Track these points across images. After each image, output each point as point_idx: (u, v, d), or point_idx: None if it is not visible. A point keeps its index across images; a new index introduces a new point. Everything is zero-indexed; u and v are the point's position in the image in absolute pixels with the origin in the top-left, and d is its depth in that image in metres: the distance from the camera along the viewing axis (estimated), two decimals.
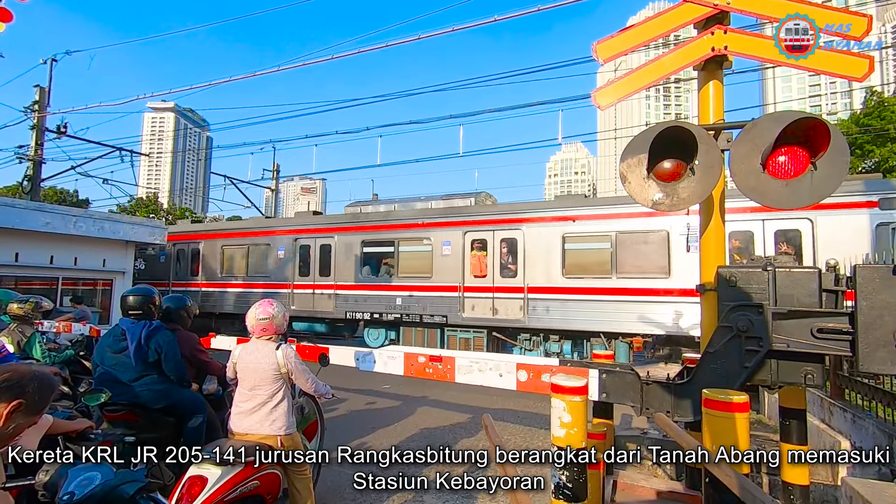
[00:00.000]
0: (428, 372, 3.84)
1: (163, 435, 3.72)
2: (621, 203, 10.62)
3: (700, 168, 3.29)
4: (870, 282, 2.73)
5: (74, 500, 1.78)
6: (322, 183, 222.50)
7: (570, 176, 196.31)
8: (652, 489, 4.48)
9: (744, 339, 3.02)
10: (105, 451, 2.63)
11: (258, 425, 3.09)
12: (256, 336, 3.27)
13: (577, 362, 3.88)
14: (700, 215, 3.80)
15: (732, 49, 3.56)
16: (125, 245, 13.67)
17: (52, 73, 16.16)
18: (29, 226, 11.08)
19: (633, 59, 6.49)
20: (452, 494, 4.55)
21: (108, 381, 3.64)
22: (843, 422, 4.91)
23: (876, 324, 2.70)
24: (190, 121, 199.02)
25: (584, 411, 2.59)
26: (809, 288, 2.95)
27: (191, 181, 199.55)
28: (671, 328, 9.96)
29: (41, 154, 15.62)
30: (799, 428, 3.54)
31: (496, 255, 11.80)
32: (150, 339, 3.73)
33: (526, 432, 6.63)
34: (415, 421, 7.12)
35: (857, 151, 26.98)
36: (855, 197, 8.96)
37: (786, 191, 3.11)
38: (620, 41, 3.82)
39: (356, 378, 8.75)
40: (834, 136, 2.93)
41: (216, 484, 2.62)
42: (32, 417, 1.67)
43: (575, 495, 2.49)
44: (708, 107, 3.73)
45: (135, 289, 4.07)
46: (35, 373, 1.69)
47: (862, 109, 30.34)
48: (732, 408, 2.61)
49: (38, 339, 5.26)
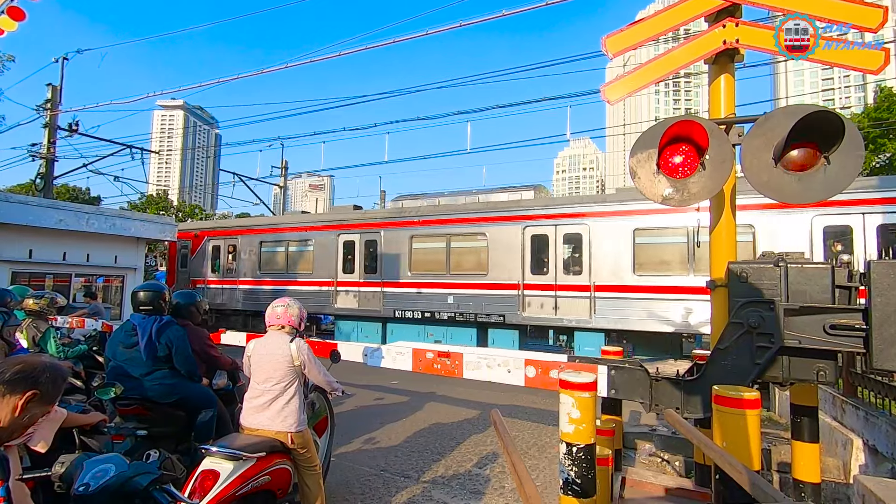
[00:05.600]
0: (436, 368, 3.85)
1: (174, 429, 3.77)
2: None
3: (711, 163, 3.26)
4: (884, 277, 2.69)
5: (90, 491, 1.81)
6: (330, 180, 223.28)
7: (578, 172, 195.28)
8: (661, 486, 4.47)
9: (755, 336, 2.99)
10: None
11: (269, 422, 3.10)
12: (272, 325, 3.34)
13: (585, 358, 3.87)
14: (710, 211, 3.76)
15: (744, 42, 3.52)
16: (136, 242, 13.83)
17: (63, 72, 16.34)
18: (42, 223, 11.24)
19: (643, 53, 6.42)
20: (461, 489, 4.57)
21: (120, 375, 3.69)
22: (856, 420, 4.86)
23: (890, 320, 2.66)
24: (199, 118, 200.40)
25: (592, 407, 2.59)
26: (822, 284, 2.92)
27: (200, 178, 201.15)
28: None
29: (53, 152, 15.81)
30: (810, 425, 3.50)
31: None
32: (160, 334, 3.77)
33: (534, 428, 6.63)
34: (423, 416, 7.14)
35: (871, 146, 26.56)
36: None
37: (799, 185, 3.07)
38: (630, 35, 3.78)
39: (365, 374, 8.80)
40: (848, 130, 2.89)
41: (228, 478, 2.65)
42: (46, 407, 1.70)
43: (584, 491, 2.48)
44: (719, 101, 3.69)
45: (145, 284, 4.12)
46: (47, 363, 1.72)
47: (874, 104, 29.86)
48: (743, 404, 2.59)
49: (52, 334, 5.33)
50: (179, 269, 17.26)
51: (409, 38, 11.67)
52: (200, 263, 16.61)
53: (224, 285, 15.99)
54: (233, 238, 16.14)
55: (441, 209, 13.05)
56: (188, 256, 17.03)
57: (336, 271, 13.85)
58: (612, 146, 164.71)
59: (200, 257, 16.68)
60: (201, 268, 16.57)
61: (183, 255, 17.30)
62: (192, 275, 16.69)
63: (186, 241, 17.07)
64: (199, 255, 16.72)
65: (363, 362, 4.22)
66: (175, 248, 17.46)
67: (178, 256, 17.42)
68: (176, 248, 17.38)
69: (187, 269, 16.97)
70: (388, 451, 5.57)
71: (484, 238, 12.10)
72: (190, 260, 16.90)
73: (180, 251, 17.34)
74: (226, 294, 15.87)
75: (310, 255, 14.45)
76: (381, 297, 13.19)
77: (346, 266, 13.81)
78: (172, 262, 17.72)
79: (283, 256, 15.01)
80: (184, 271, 17.09)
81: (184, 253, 17.23)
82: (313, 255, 14.30)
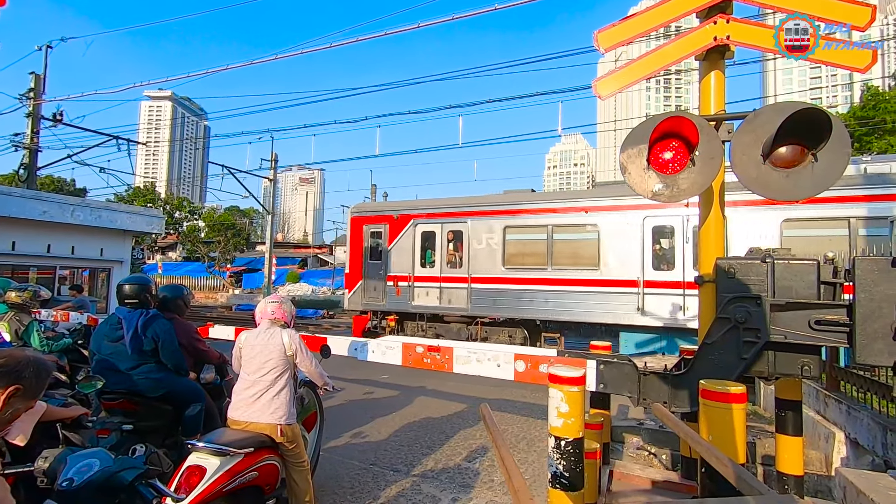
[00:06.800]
0: (426, 362, 3.84)
1: (161, 423, 3.74)
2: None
3: (701, 159, 3.28)
4: (869, 274, 2.73)
5: (73, 487, 1.79)
6: (320, 173, 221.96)
7: (569, 167, 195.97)
8: (648, 479, 4.52)
9: (742, 331, 3.03)
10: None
11: (258, 414, 3.08)
12: (263, 319, 3.34)
13: (575, 353, 3.89)
14: (700, 207, 3.79)
15: (735, 38, 3.53)
16: (123, 234, 13.64)
17: (47, 61, 16.00)
18: (26, 214, 11.05)
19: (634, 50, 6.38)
20: (450, 482, 4.58)
21: (106, 369, 3.64)
22: (839, 413, 4.94)
23: (874, 316, 2.70)
24: (187, 109, 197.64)
25: (581, 401, 2.60)
26: (808, 280, 2.95)
27: (188, 170, 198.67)
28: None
29: (37, 142, 15.51)
30: (794, 419, 3.55)
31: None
32: (146, 327, 3.73)
33: (524, 422, 6.66)
34: (413, 410, 7.15)
35: (856, 144, 26.98)
36: None
37: (787, 182, 3.10)
38: (622, 30, 3.78)
39: (354, 368, 8.78)
40: (835, 127, 2.91)
41: (215, 474, 2.62)
42: (29, 402, 1.67)
43: (572, 484, 2.50)
44: (709, 97, 3.70)
45: (131, 277, 4.07)
46: (31, 357, 1.69)
47: (860, 103, 30.33)
48: (729, 398, 2.62)
49: (35, 327, 5.25)
50: (370, 261, 13.46)
51: (400, 30, 11.59)
52: (402, 254, 13.01)
53: (442, 283, 12.50)
54: (456, 221, 12.48)
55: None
56: (381, 245, 13.33)
57: (642, 269, 10.31)
58: (603, 142, 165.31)
59: (404, 246, 13.03)
60: (403, 259, 12.98)
61: (373, 244, 13.50)
62: (390, 268, 13.12)
63: (378, 224, 13.38)
64: (402, 242, 13.06)
65: (354, 356, 4.21)
66: (360, 234, 13.72)
67: (367, 245, 13.63)
68: (362, 233, 13.66)
69: (382, 261, 13.23)
70: (378, 445, 5.58)
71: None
72: (386, 250, 13.23)
73: (370, 238, 13.59)
74: (445, 295, 12.40)
75: (593, 245, 10.90)
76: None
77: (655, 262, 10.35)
78: (358, 251, 13.77)
79: (544, 246, 11.41)
80: (376, 264, 13.33)
81: (375, 242, 13.47)
82: (600, 245, 10.77)
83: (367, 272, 13.47)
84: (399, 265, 13.04)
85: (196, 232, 50.22)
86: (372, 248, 13.53)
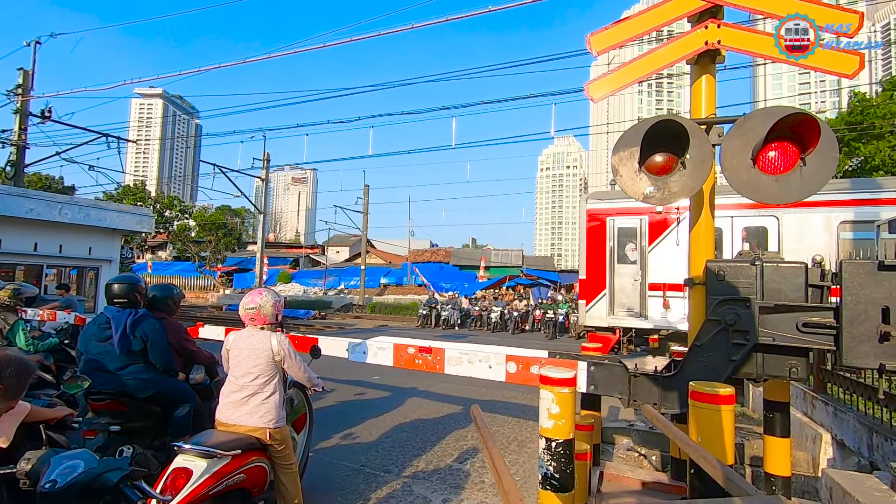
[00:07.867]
0: (417, 363, 3.83)
1: (149, 424, 3.69)
2: None
3: (691, 162, 3.30)
4: (855, 277, 2.76)
5: (57, 488, 1.76)
6: (313, 173, 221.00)
7: (561, 170, 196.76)
8: (637, 480, 4.54)
9: (731, 333, 3.05)
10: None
11: (247, 417, 3.04)
12: (247, 325, 3.26)
13: (565, 354, 3.90)
14: (690, 210, 3.81)
15: (725, 43, 3.56)
16: (112, 233, 13.48)
17: (35, 56, 15.80)
18: (12, 212, 10.87)
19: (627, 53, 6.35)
20: (441, 483, 4.58)
21: (94, 369, 3.59)
22: (825, 415, 5.00)
23: (860, 318, 2.73)
24: (178, 108, 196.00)
25: (572, 403, 2.61)
26: (796, 283, 2.98)
27: (179, 169, 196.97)
28: None
29: (25, 139, 15.30)
30: (782, 420, 3.59)
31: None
32: (135, 327, 3.68)
33: (515, 423, 6.67)
34: (404, 411, 7.13)
35: (845, 149, 27.32)
36: None
37: (776, 186, 3.13)
38: (614, 33, 3.80)
39: (345, 369, 8.75)
40: (824, 132, 2.94)
41: (201, 477, 2.59)
42: (9, 402, 1.64)
43: (562, 485, 2.50)
44: (700, 101, 3.73)
45: (120, 276, 4.02)
46: (12, 357, 1.66)
47: (848, 109, 30.77)
48: (718, 400, 2.63)
49: (21, 326, 5.17)
50: (617, 263, 10.26)
51: (394, 31, 11.60)
52: (671, 256, 9.60)
53: None
54: (758, 214, 9.07)
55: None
56: (637, 244, 10.13)
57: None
58: (596, 144, 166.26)
59: (673, 246, 9.67)
60: (672, 263, 9.44)
61: (622, 243, 10.30)
62: (650, 275, 9.86)
63: (632, 217, 10.16)
64: (670, 241, 9.77)
65: (345, 357, 4.19)
66: (602, 230, 10.42)
67: (612, 245, 10.32)
68: (605, 229, 10.37)
69: (638, 265, 10.06)
70: (369, 447, 5.55)
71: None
72: (644, 250, 9.96)
73: (617, 236, 10.33)
74: None
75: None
76: None
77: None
78: (598, 252, 10.44)
79: None
80: (629, 270, 10.16)
81: (626, 240, 10.28)
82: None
83: (614, 279, 10.32)
84: (666, 271, 9.66)
85: (187, 231, 49.78)
86: (620, 248, 10.40)
